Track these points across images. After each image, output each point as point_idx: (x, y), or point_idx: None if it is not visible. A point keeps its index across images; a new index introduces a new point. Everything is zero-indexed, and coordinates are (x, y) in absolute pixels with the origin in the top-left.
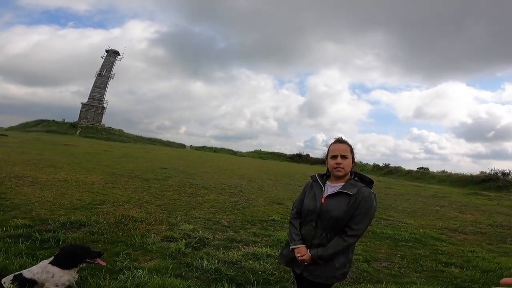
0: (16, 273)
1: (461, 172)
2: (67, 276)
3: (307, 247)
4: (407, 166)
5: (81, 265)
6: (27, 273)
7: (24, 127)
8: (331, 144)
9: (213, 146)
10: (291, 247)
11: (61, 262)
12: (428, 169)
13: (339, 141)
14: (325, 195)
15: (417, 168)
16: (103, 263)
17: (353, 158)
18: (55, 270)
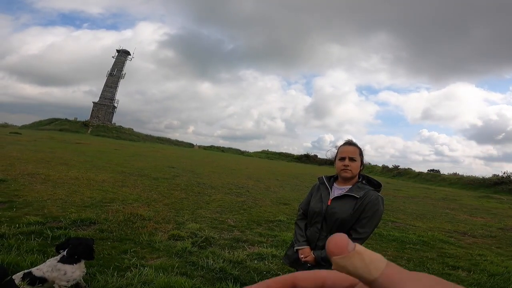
0: (26, 270)
1: (473, 175)
2: (79, 271)
3: (312, 249)
4: (417, 168)
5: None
6: (36, 271)
7: (38, 126)
8: (340, 146)
9: (221, 146)
10: (295, 248)
11: (82, 256)
12: (439, 171)
13: (348, 143)
14: (331, 197)
15: (428, 170)
16: None
17: (361, 161)
18: (67, 267)
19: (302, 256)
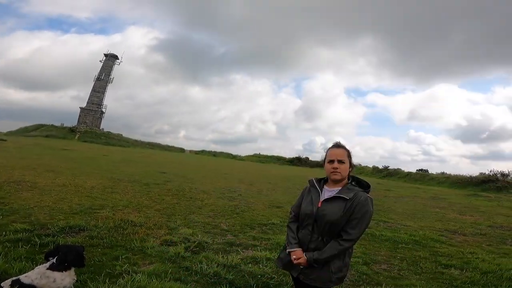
0: (14, 278)
1: (460, 174)
2: (69, 278)
3: (304, 251)
4: (406, 168)
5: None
6: (24, 278)
7: (23, 132)
8: (329, 148)
9: (212, 150)
10: (287, 250)
11: (72, 263)
12: (427, 171)
13: (336, 145)
14: (321, 199)
15: (416, 170)
16: None
17: (350, 163)
18: (56, 274)
19: (294, 258)
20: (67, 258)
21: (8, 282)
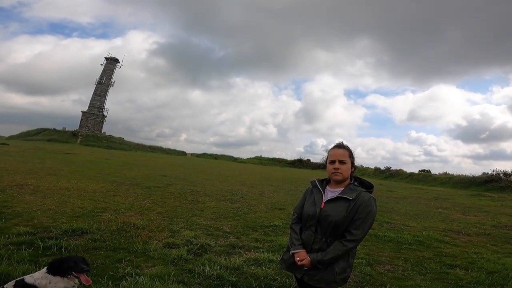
0: (18, 278)
1: (463, 174)
2: (62, 283)
3: (307, 252)
4: (408, 169)
5: (68, 276)
6: (29, 278)
7: (25, 136)
8: (331, 149)
9: (214, 153)
10: (291, 251)
11: (51, 270)
12: (429, 171)
13: (338, 146)
14: (324, 200)
15: (419, 170)
16: (87, 282)
17: (352, 163)
18: (51, 277)
19: (298, 259)
20: (50, 264)
21: (12, 283)
